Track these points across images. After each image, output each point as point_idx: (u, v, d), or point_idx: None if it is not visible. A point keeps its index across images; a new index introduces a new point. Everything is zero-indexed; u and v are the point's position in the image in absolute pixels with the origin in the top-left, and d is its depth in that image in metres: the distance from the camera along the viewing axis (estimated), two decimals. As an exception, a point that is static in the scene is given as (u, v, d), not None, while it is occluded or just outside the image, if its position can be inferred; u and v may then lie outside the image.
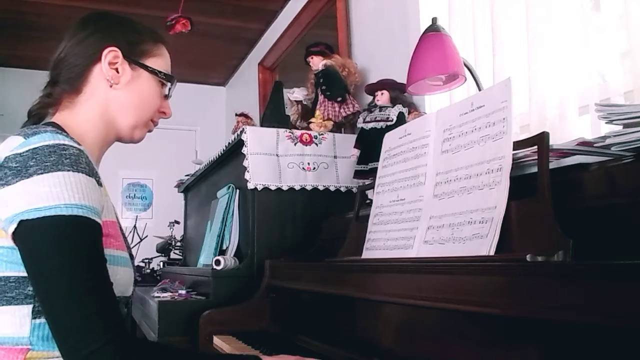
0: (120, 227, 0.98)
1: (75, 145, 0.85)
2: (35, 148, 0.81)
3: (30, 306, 0.82)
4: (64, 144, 0.83)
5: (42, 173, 0.80)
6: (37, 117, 1.01)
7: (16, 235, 0.80)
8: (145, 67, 1.04)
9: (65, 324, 0.77)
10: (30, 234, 0.79)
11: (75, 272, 0.78)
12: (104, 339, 0.76)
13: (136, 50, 1.04)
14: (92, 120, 1.00)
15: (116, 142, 1.07)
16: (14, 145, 0.84)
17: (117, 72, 1.01)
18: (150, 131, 1.10)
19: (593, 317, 0.61)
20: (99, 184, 0.87)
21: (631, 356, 0.58)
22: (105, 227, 0.88)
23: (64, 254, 0.78)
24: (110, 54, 1.00)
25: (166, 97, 1.10)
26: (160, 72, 1.06)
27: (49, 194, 0.79)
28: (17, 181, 0.80)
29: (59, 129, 0.92)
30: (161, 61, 1.08)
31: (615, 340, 0.60)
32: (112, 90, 1.01)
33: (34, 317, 0.82)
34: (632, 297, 0.57)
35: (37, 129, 0.86)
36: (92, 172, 0.85)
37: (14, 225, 0.79)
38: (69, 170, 0.81)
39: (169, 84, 1.09)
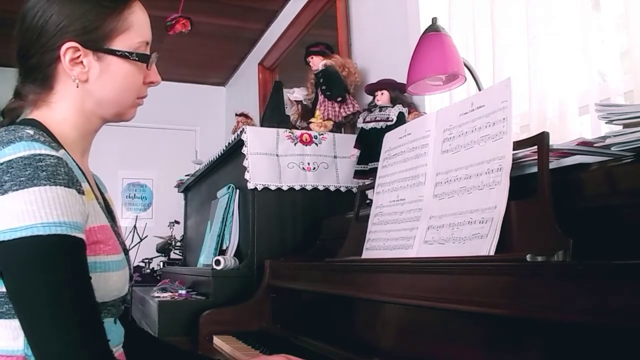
0: (114, 226, 0.94)
1: (53, 153, 0.79)
2: (10, 161, 0.76)
3: None
4: (40, 155, 0.77)
5: (17, 189, 0.74)
6: (12, 117, 0.93)
7: None
8: (113, 53, 0.90)
9: (47, 349, 0.74)
10: (7, 256, 0.75)
11: (55, 296, 0.74)
12: None
13: (97, 36, 0.89)
14: (70, 118, 0.92)
15: (110, 129, 0.99)
16: None
17: (83, 65, 0.89)
18: (140, 104, 0.99)
19: (593, 317, 0.61)
20: (80, 192, 0.81)
21: (631, 356, 0.58)
22: (93, 234, 0.84)
23: (42, 277, 0.74)
24: (69, 51, 0.88)
25: (148, 67, 0.96)
26: (132, 53, 0.91)
27: (25, 212, 0.74)
28: None
29: (39, 128, 0.86)
30: (132, 33, 0.92)
31: (615, 340, 0.60)
32: (82, 89, 0.90)
33: None
34: (632, 297, 0.57)
35: (13, 136, 0.79)
36: (71, 182, 0.79)
37: None
38: (45, 185, 0.75)
39: (145, 63, 0.94)
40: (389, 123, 1.76)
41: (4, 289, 0.78)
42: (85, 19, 0.89)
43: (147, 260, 3.46)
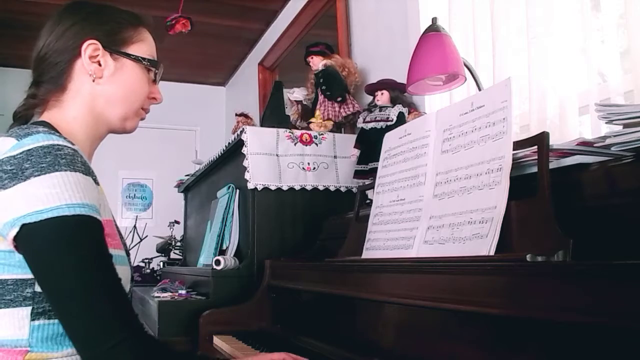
0: (116, 225, 0.98)
1: (69, 145, 0.83)
2: (30, 149, 0.80)
3: (29, 308, 0.81)
4: (58, 144, 0.81)
5: (39, 175, 0.78)
6: (24, 118, 0.98)
7: (18, 239, 0.78)
8: (128, 56, 1.00)
9: (81, 323, 0.77)
10: (35, 237, 0.78)
11: (85, 271, 0.78)
12: (121, 336, 0.77)
13: (116, 39, 0.99)
14: (80, 117, 0.98)
15: (110, 133, 1.05)
16: (6, 147, 0.82)
17: (100, 65, 0.97)
18: (142, 119, 1.07)
19: (593, 317, 0.61)
20: (96, 182, 0.87)
21: (631, 356, 0.58)
22: (103, 226, 0.87)
23: (72, 254, 0.78)
24: (90, 47, 0.96)
25: (154, 82, 1.06)
26: (144, 58, 1.02)
27: (49, 195, 0.78)
28: (13, 184, 0.78)
29: (50, 128, 0.90)
30: (144, 46, 1.03)
31: (615, 340, 0.60)
32: (96, 84, 0.98)
33: (32, 319, 0.81)
34: (632, 297, 0.57)
35: (29, 130, 0.84)
36: (88, 171, 0.84)
37: (16, 229, 0.78)
38: (66, 170, 0.80)
39: (154, 69, 1.04)
40: (389, 123, 1.76)
41: (12, 276, 0.81)
42: (107, 24, 1.00)
43: (147, 260, 3.45)
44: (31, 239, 0.78)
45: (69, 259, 0.77)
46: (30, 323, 0.81)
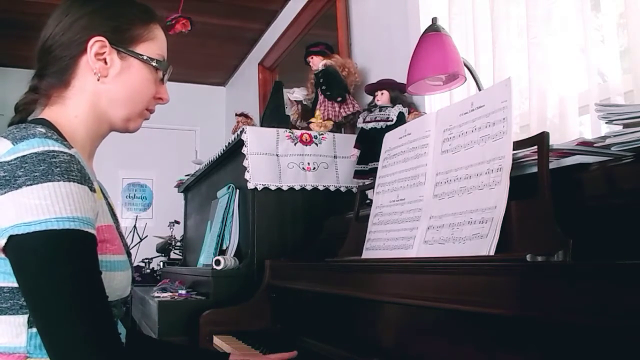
0: (118, 228, 0.95)
1: (66, 150, 0.80)
2: (24, 156, 0.77)
3: (26, 316, 0.80)
4: (53, 151, 0.78)
5: (31, 184, 0.75)
6: (25, 112, 0.95)
7: (6, 249, 0.77)
8: (136, 55, 0.96)
9: (58, 341, 0.75)
10: (21, 249, 0.76)
11: (67, 289, 0.75)
12: (96, 358, 0.74)
13: (125, 37, 0.95)
14: (82, 115, 0.94)
15: (112, 132, 1.02)
16: (1, 151, 0.79)
17: (106, 63, 0.93)
18: (147, 119, 1.04)
19: (593, 317, 0.61)
20: (92, 189, 0.83)
21: (631, 357, 0.58)
22: (101, 233, 0.85)
23: (55, 271, 0.75)
24: (96, 44, 0.92)
25: (162, 81, 1.02)
26: (152, 59, 0.98)
27: (39, 206, 0.75)
28: (5, 192, 0.76)
29: (49, 127, 0.87)
30: (154, 45, 0.99)
31: (615, 340, 0.60)
32: (101, 83, 0.94)
33: (30, 327, 0.80)
34: (632, 297, 0.57)
35: (26, 132, 0.81)
36: (84, 179, 0.80)
37: (4, 240, 0.76)
38: (59, 180, 0.77)
39: (163, 70, 1.01)
40: (389, 123, 1.76)
41: (7, 284, 0.79)
42: (116, 20, 0.95)
43: (147, 260, 3.45)
44: (18, 251, 0.76)
45: (50, 275, 0.75)
46: (28, 330, 0.80)
